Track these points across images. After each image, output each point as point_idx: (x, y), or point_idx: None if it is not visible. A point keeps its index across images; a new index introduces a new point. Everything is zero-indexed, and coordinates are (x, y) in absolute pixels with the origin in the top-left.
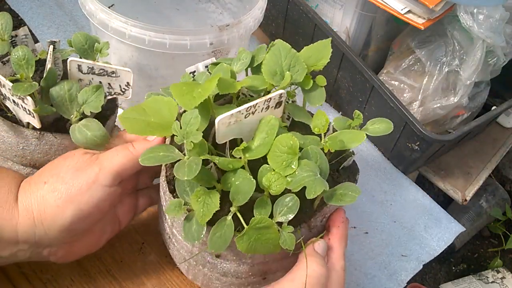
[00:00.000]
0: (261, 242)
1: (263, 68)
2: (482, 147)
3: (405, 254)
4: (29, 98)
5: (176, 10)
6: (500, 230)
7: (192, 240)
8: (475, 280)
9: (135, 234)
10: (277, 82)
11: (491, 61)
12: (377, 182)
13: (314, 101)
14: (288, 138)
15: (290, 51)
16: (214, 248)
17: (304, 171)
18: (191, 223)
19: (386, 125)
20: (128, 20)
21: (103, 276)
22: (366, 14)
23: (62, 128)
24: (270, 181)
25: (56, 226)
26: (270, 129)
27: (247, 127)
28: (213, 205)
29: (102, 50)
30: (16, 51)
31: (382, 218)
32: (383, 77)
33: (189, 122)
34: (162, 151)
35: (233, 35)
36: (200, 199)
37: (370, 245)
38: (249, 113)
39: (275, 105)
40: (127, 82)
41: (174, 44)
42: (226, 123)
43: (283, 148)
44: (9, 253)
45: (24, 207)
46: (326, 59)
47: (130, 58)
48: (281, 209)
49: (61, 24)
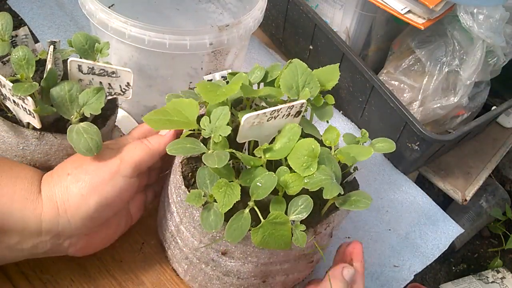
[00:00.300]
0: (274, 237)
1: (281, 81)
2: (482, 147)
3: (397, 264)
4: (29, 98)
5: (176, 10)
6: (500, 230)
7: (209, 229)
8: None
9: (135, 234)
10: (293, 95)
11: (491, 61)
12: (374, 188)
13: (323, 117)
14: (310, 142)
15: (306, 70)
16: (230, 238)
17: (322, 174)
18: (209, 214)
19: (389, 145)
20: (128, 20)
21: (103, 276)
22: (366, 14)
23: (62, 128)
24: (288, 181)
25: (80, 215)
26: (293, 135)
27: (266, 131)
28: (234, 196)
29: (102, 50)
30: (16, 51)
31: (377, 227)
32: (383, 77)
33: (219, 117)
34: (188, 143)
35: (233, 35)
36: (222, 189)
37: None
38: (272, 116)
39: (295, 114)
40: (127, 82)
41: (174, 44)
42: (251, 122)
43: (304, 152)
44: (31, 244)
45: (48, 198)
46: (334, 81)
47: (130, 58)
48: (295, 208)
49: (61, 25)
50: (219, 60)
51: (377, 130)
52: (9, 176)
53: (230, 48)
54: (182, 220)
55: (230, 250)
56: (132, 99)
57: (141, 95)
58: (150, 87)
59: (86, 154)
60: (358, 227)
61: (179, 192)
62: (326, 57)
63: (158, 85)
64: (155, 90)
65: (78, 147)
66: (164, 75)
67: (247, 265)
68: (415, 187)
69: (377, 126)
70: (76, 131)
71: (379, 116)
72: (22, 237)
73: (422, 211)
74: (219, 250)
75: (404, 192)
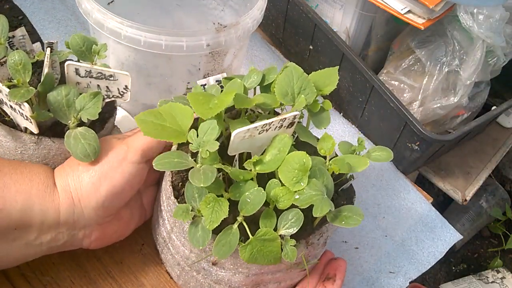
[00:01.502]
0: (263, 253)
1: (276, 88)
2: (482, 147)
3: (393, 271)
4: (26, 104)
5: (177, 6)
6: (500, 230)
7: (197, 245)
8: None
9: (135, 235)
10: (288, 102)
11: (491, 61)
12: (372, 194)
13: (320, 124)
14: (301, 156)
15: (302, 75)
16: (218, 255)
17: (313, 189)
18: (197, 229)
19: (387, 154)
20: (124, 20)
21: (103, 278)
22: (366, 14)
23: (60, 132)
24: (278, 195)
25: (92, 203)
26: (283, 146)
27: (258, 142)
28: (222, 212)
29: (100, 52)
30: (12, 55)
31: (374, 233)
32: (383, 77)
33: (207, 131)
34: (176, 158)
35: (231, 36)
36: (210, 205)
37: (359, 260)
38: (263, 130)
39: (288, 125)
40: (125, 85)
41: (170, 46)
42: (241, 136)
43: (295, 165)
44: (49, 238)
45: (63, 188)
46: (333, 85)
47: (126, 58)
48: (285, 222)
49: (62, 19)
50: (217, 60)
51: (377, 130)
52: (24, 172)
53: (228, 49)
54: (173, 229)
55: (220, 261)
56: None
57: (140, 94)
58: (149, 85)
59: (83, 160)
60: (354, 232)
61: (169, 202)
62: (326, 57)
63: (157, 84)
64: (154, 88)
65: (76, 153)
66: (162, 74)
67: (238, 276)
68: (414, 192)
69: (377, 126)
70: (74, 137)
71: (379, 116)
72: (41, 231)
73: (420, 218)
74: (210, 261)
75: (402, 199)
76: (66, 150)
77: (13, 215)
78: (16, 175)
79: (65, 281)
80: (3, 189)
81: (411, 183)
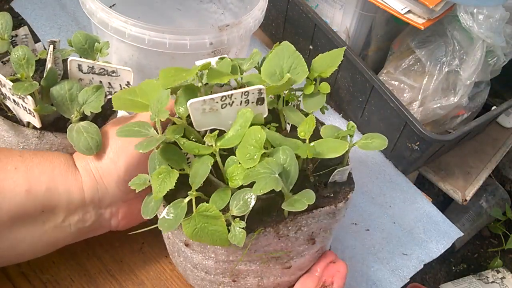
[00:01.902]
0: (207, 231)
1: (263, 67)
2: (482, 147)
3: (406, 253)
4: (29, 97)
5: (177, 10)
6: (500, 230)
7: (146, 215)
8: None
9: (135, 234)
10: (274, 82)
11: (491, 61)
12: (377, 185)
13: (309, 107)
14: (257, 131)
15: (294, 53)
16: (161, 227)
17: (263, 167)
18: (150, 200)
19: (380, 141)
20: (128, 19)
21: (103, 276)
22: (366, 14)
23: (62, 127)
24: (232, 173)
25: (113, 178)
26: (244, 121)
27: (227, 118)
28: (169, 183)
29: (102, 50)
30: (16, 50)
31: (382, 218)
32: (383, 77)
33: (161, 100)
34: (137, 127)
35: (233, 35)
36: (161, 176)
37: (371, 241)
38: (225, 103)
39: (256, 101)
40: (127, 81)
41: (173, 44)
42: (200, 109)
43: (251, 141)
44: (77, 218)
45: (83, 168)
46: (334, 67)
47: (130, 58)
48: (237, 202)
49: (63, 25)
50: None
51: (377, 130)
52: (44, 156)
53: (231, 48)
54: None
55: (189, 242)
56: None
57: None
58: None
59: (86, 153)
60: (364, 215)
61: None
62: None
63: None
64: None
65: (78, 146)
66: None
67: (209, 261)
68: (415, 190)
69: (377, 126)
70: (76, 130)
71: (379, 116)
72: (68, 212)
73: (424, 211)
74: (183, 241)
75: (405, 192)
76: (69, 144)
77: (40, 197)
78: (37, 158)
79: (65, 280)
80: (27, 172)
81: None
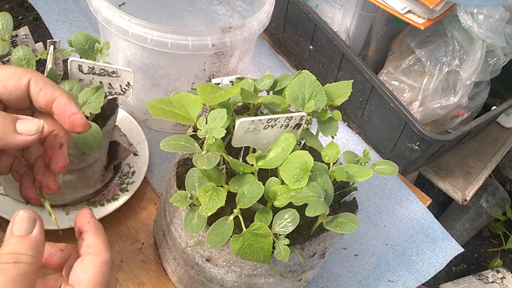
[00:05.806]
0: (253, 248)
1: (287, 91)
2: (482, 147)
3: (392, 279)
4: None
5: (187, 11)
6: (500, 230)
7: (190, 232)
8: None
9: (135, 234)
10: (298, 106)
11: (491, 61)
12: (374, 202)
13: (327, 132)
14: (304, 155)
15: (314, 82)
16: (210, 244)
17: (311, 190)
18: (192, 216)
19: (392, 168)
20: (132, 18)
21: None
22: (366, 14)
23: None
24: (276, 193)
25: None
26: (287, 145)
27: (264, 139)
28: (218, 201)
29: (102, 50)
30: (16, 51)
31: (374, 241)
32: (383, 77)
33: (215, 119)
34: (183, 141)
35: (236, 37)
36: (208, 193)
37: (358, 268)
38: (269, 125)
39: (294, 126)
40: (127, 82)
41: (176, 44)
42: (246, 127)
43: (297, 164)
44: None
45: None
46: (344, 97)
47: (133, 56)
48: (280, 221)
49: (74, 20)
50: (222, 62)
51: (377, 130)
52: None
53: (234, 51)
54: (172, 220)
55: (214, 257)
56: (137, 97)
57: (147, 93)
58: (156, 87)
59: (87, 151)
60: (355, 239)
61: (171, 192)
62: (326, 57)
63: (163, 85)
64: (161, 90)
65: (79, 146)
66: (169, 74)
67: (230, 274)
68: (417, 202)
69: (377, 126)
70: None
71: (379, 116)
72: None
73: (421, 228)
74: (204, 256)
75: (405, 208)
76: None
77: None
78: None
79: None
80: None
81: (414, 193)
